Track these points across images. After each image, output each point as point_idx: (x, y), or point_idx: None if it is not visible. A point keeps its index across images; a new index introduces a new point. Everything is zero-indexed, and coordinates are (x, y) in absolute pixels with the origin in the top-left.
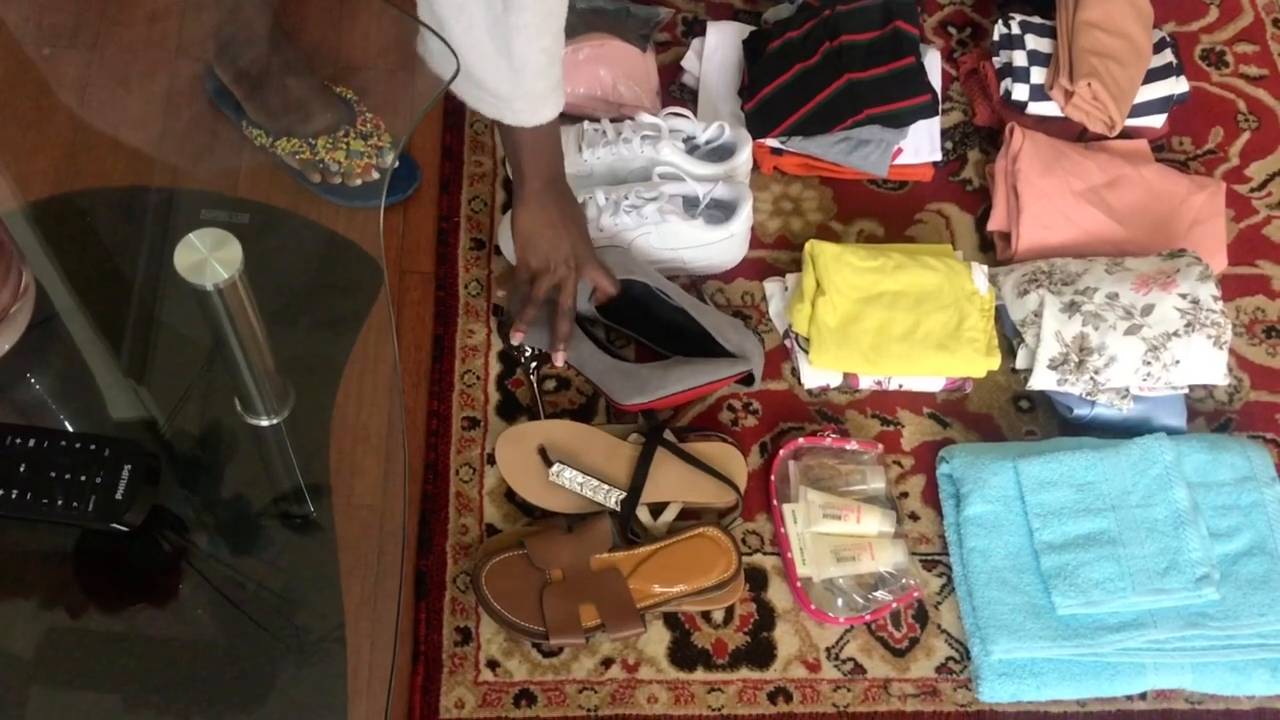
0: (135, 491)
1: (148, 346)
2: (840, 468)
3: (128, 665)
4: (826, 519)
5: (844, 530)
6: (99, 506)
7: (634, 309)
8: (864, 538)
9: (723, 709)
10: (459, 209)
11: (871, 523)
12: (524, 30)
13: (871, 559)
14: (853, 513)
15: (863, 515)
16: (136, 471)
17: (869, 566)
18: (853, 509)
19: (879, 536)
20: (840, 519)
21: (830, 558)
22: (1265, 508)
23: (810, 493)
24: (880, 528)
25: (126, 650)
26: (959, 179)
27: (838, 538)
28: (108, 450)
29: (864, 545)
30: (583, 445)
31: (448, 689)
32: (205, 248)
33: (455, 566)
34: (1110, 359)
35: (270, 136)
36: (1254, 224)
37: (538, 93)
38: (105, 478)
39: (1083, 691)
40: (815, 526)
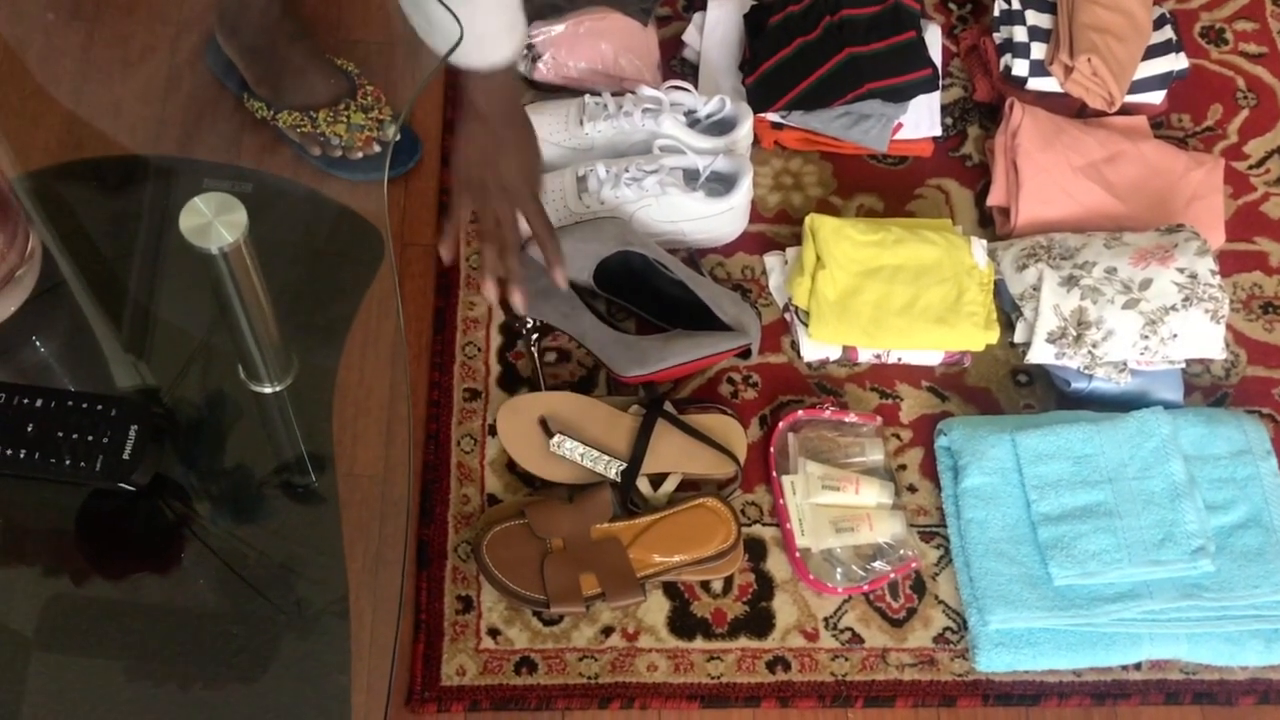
0: (142, 451)
1: (150, 315)
2: (839, 440)
3: (130, 633)
4: (825, 490)
5: (842, 502)
6: (106, 466)
7: (633, 281)
8: (862, 509)
9: (722, 677)
10: None
11: (870, 494)
12: None
13: (870, 530)
14: (851, 484)
15: (861, 487)
16: (143, 431)
17: (867, 537)
18: (851, 481)
19: (877, 508)
20: (839, 490)
21: (829, 529)
22: (1261, 481)
23: (809, 464)
24: (879, 499)
25: (129, 618)
26: (959, 154)
27: (836, 509)
28: (114, 410)
29: (862, 516)
30: (583, 417)
31: (449, 657)
32: (210, 211)
33: (456, 536)
34: (1108, 333)
35: (271, 109)
36: (1252, 201)
37: (489, 30)
38: (112, 437)
39: (1079, 661)
40: (814, 498)
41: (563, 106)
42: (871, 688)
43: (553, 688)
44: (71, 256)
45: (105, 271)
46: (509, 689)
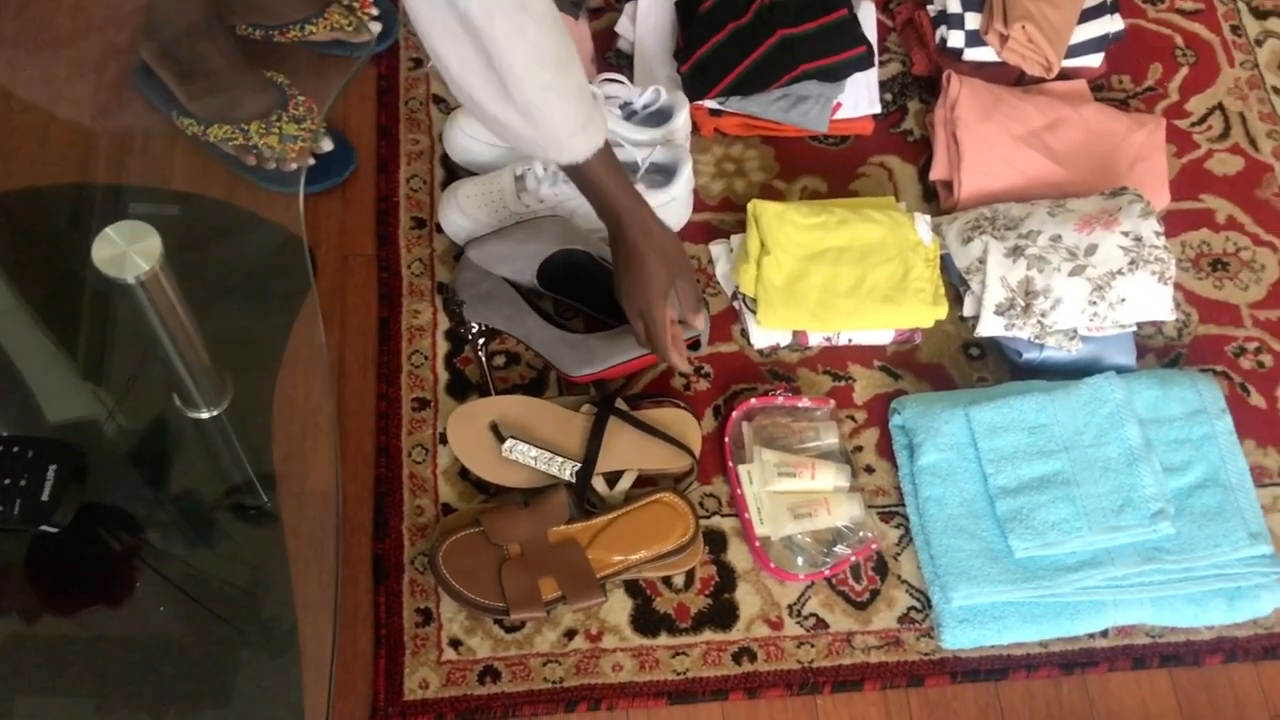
0: (62, 491)
1: (80, 346)
2: (793, 425)
3: (94, 667)
4: (782, 477)
5: (800, 487)
6: (25, 509)
7: (578, 279)
8: (820, 493)
9: (688, 672)
10: (398, 189)
11: (826, 478)
12: (515, 75)
13: (828, 514)
14: (807, 469)
15: (817, 471)
16: (63, 471)
17: (826, 522)
18: (807, 465)
19: (834, 491)
20: (795, 476)
21: (787, 515)
22: (1216, 440)
23: (764, 452)
24: (835, 482)
25: (86, 652)
26: (900, 130)
27: (794, 495)
28: (31, 451)
29: (820, 501)
30: (535, 419)
31: (411, 670)
32: (123, 241)
33: (413, 548)
34: (1056, 301)
35: (201, 124)
36: (1195, 159)
37: (561, 132)
38: (30, 480)
39: (1044, 632)
40: (771, 485)
41: None
42: (839, 672)
43: (518, 695)
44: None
45: (33, 305)
46: (474, 699)
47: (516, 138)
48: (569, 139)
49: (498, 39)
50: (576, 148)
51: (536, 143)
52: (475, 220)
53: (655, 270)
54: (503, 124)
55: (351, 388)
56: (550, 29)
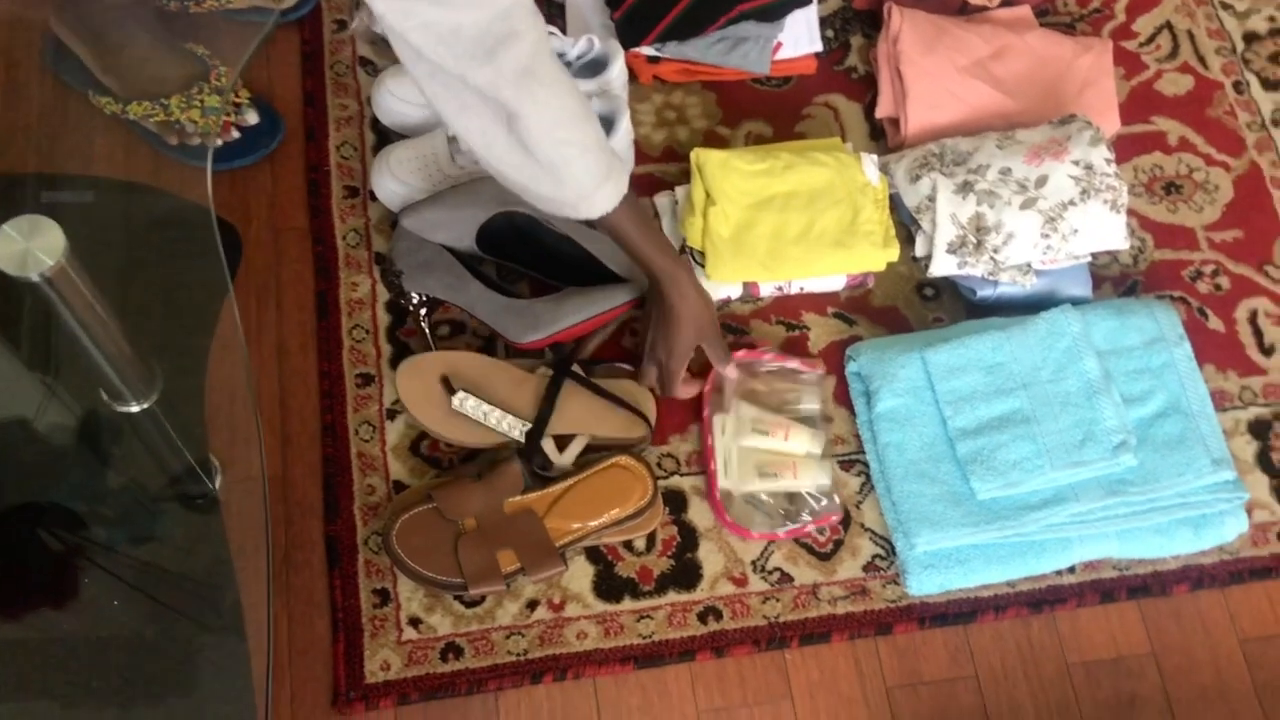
0: None
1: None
2: (778, 385)
3: (52, 669)
4: (755, 434)
5: (771, 446)
6: None
7: (520, 241)
8: (790, 456)
9: (654, 636)
10: (328, 157)
11: (800, 442)
12: (532, 136)
13: (794, 477)
14: (781, 430)
15: (791, 433)
16: None
17: (791, 485)
18: (782, 426)
19: (805, 456)
20: (768, 435)
21: (753, 472)
22: (1176, 367)
23: (743, 406)
24: (808, 448)
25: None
26: (843, 68)
27: (763, 454)
28: None
29: (789, 463)
30: (489, 378)
31: (371, 653)
32: (23, 236)
33: (365, 528)
34: (1008, 236)
35: (120, 102)
36: (1145, 80)
37: (585, 186)
38: None
39: (1010, 573)
40: (743, 440)
41: None
42: (805, 625)
43: (482, 670)
44: None
45: None
46: (437, 677)
47: (547, 200)
48: (595, 190)
49: (509, 105)
50: (603, 199)
51: (567, 200)
52: (409, 185)
53: (686, 332)
54: (532, 190)
55: (292, 366)
56: (559, 88)
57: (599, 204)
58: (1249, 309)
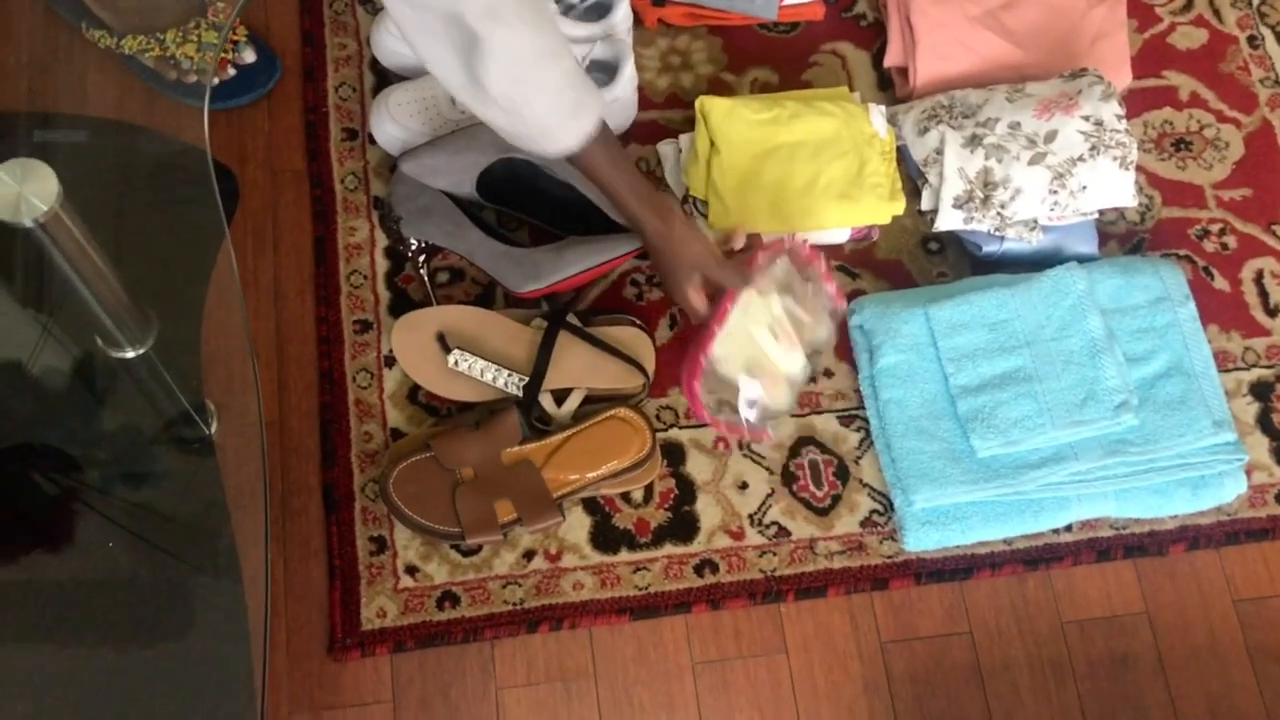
0: None
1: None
2: (812, 301)
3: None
4: (767, 330)
5: (769, 352)
6: None
7: (521, 188)
8: (777, 371)
9: (650, 587)
10: (326, 98)
11: (793, 364)
12: (492, 77)
13: (762, 390)
14: (788, 343)
15: (792, 353)
16: None
17: (754, 394)
18: (791, 341)
19: (787, 380)
20: (776, 340)
21: (740, 362)
22: (1180, 327)
23: (776, 299)
24: (795, 374)
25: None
26: (852, 14)
27: (760, 353)
28: None
29: (770, 376)
30: (484, 331)
31: (368, 600)
32: (16, 181)
33: (362, 476)
34: (1016, 191)
35: (115, 36)
36: (1158, 33)
37: (547, 124)
38: None
39: (1008, 531)
40: (755, 329)
41: None
42: (801, 580)
43: (478, 618)
44: None
45: None
46: (433, 625)
47: (509, 134)
48: (558, 127)
49: (471, 38)
50: (567, 137)
51: (529, 135)
52: (409, 129)
53: (680, 272)
54: (494, 123)
55: (289, 312)
56: (524, 30)
57: (563, 141)
58: (1255, 269)
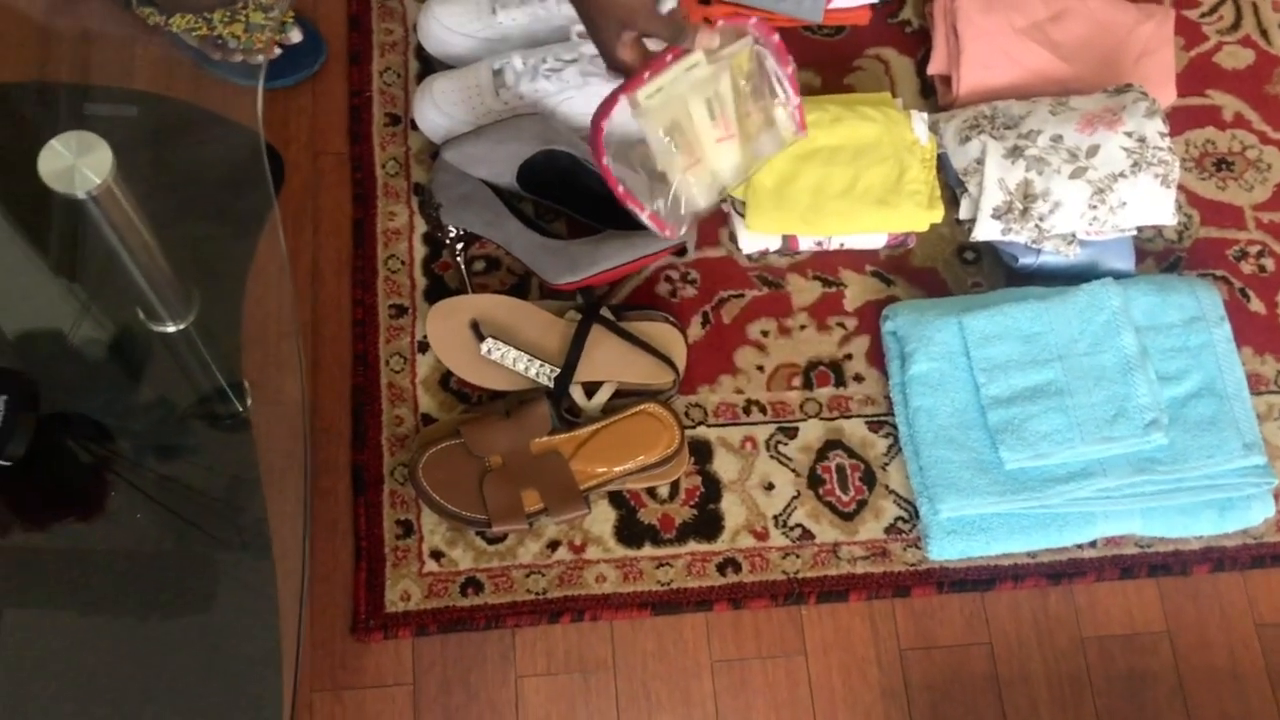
0: (13, 423)
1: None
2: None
3: (69, 578)
4: (703, 104)
5: (700, 132)
6: None
7: (561, 181)
8: (700, 153)
9: (672, 583)
10: (370, 82)
11: (723, 158)
12: None
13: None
14: (724, 132)
15: (728, 147)
16: (13, 401)
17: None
18: (730, 134)
19: (710, 172)
20: (711, 121)
21: (662, 125)
22: (1214, 348)
23: (728, 78)
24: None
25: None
26: (897, 20)
27: (688, 127)
28: None
29: (693, 157)
30: (517, 321)
31: (392, 582)
32: (71, 152)
33: (392, 459)
34: (1055, 205)
35: (163, 14)
36: (1204, 52)
37: None
38: None
39: (1032, 544)
40: (693, 93)
41: None
42: (824, 583)
43: (500, 606)
44: None
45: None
46: (456, 610)
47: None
48: None
49: None
50: None
51: None
52: (452, 118)
53: (606, 27)
54: None
55: (327, 293)
56: None
57: None
58: None
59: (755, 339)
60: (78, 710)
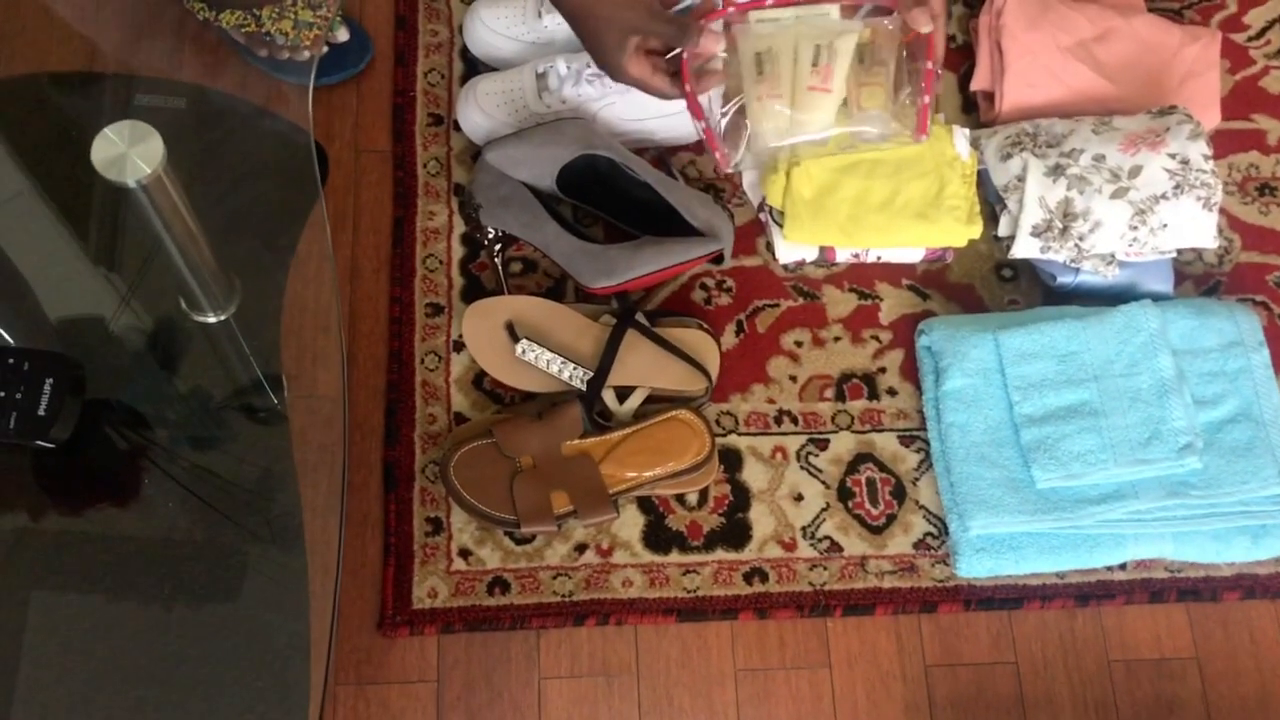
0: (59, 405)
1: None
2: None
3: (99, 562)
4: (813, 47)
5: (798, 70)
6: (21, 423)
7: (600, 185)
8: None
9: (698, 590)
10: (415, 83)
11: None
12: None
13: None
14: (821, 86)
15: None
16: (59, 384)
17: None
18: (828, 89)
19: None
20: (814, 67)
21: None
22: (1252, 373)
23: (853, 38)
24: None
25: (95, 548)
26: None
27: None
28: (27, 364)
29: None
30: (552, 323)
31: (420, 579)
32: (124, 142)
33: (424, 456)
34: (1095, 224)
35: (213, 9)
36: (1250, 75)
37: None
38: (26, 393)
39: (1062, 564)
40: (804, 35)
41: None
42: (850, 596)
43: (527, 607)
44: None
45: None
46: (482, 610)
47: None
48: None
49: None
50: None
51: None
52: (494, 119)
53: (606, 43)
54: None
55: (364, 290)
56: None
57: None
58: None
59: (789, 349)
60: (105, 692)
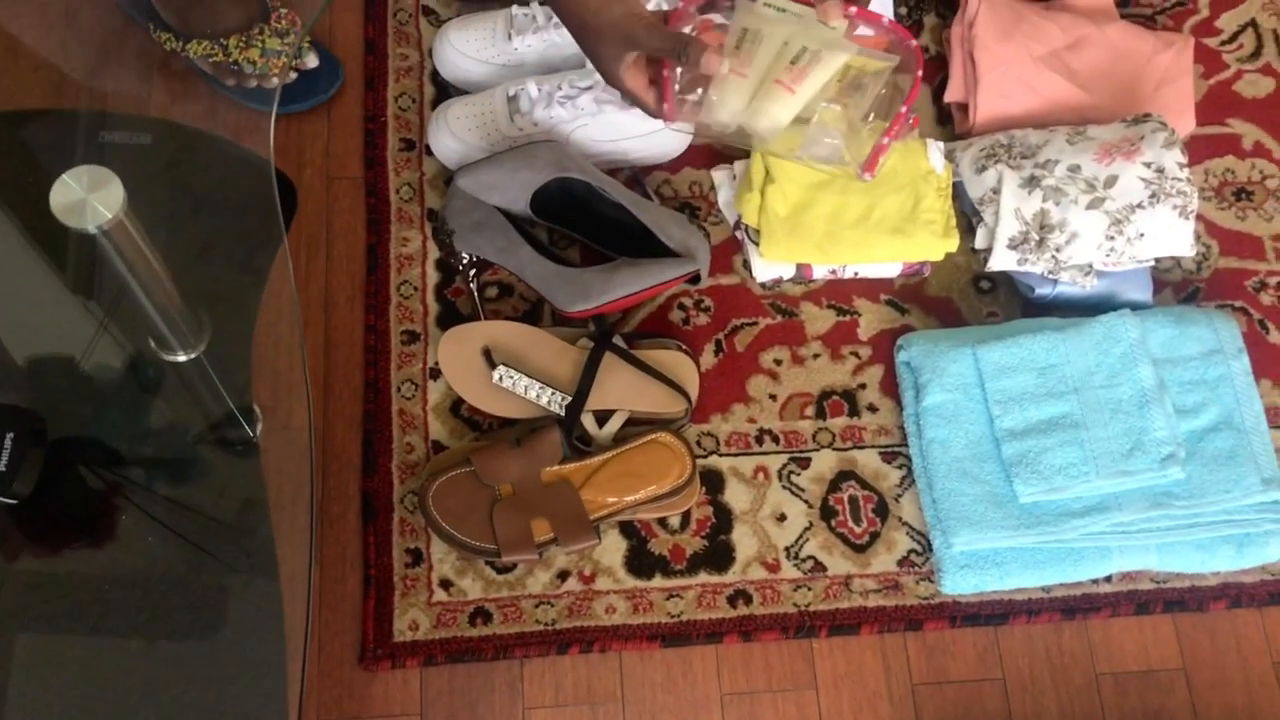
0: (20, 460)
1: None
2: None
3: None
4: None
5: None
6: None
7: (574, 208)
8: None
9: (682, 615)
10: (385, 108)
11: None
12: None
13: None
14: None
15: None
16: (20, 438)
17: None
18: (799, 84)
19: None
20: (791, 65)
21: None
22: (1232, 381)
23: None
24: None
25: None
26: None
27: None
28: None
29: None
30: (529, 348)
31: (400, 612)
32: (82, 188)
33: (402, 487)
34: (1072, 235)
35: (180, 39)
36: (1224, 80)
37: None
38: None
39: (1047, 579)
40: (781, 26)
41: (489, 20)
42: (835, 616)
43: (509, 637)
44: None
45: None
46: (464, 641)
47: None
48: None
49: None
50: None
51: None
52: (466, 143)
53: (607, 50)
54: None
55: (339, 318)
56: None
57: None
58: None
59: (768, 367)
60: None
